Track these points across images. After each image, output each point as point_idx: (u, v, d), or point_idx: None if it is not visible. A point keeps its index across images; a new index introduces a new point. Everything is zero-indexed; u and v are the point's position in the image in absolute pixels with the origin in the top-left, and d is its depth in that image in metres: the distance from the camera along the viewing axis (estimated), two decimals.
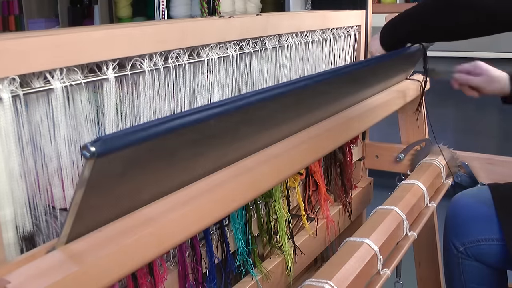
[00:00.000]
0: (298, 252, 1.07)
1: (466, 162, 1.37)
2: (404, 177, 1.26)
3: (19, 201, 0.60)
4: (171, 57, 0.79)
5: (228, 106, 0.61)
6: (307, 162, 0.91)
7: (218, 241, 0.91)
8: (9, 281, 0.46)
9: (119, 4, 3.59)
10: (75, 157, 0.67)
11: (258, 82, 1.01)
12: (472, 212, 1.23)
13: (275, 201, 1.00)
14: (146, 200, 0.61)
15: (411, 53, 1.20)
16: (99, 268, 0.51)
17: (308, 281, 0.79)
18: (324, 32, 1.21)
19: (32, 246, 0.62)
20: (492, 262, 1.19)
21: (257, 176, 0.74)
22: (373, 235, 0.91)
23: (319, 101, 0.91)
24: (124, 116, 0.74)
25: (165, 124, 0.52)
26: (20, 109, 0.59)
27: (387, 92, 1.25)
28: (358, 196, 1.39)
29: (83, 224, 0.53)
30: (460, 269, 1.23)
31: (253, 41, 0.97)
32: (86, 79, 0.66)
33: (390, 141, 1.49)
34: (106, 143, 0.46)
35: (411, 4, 2.95)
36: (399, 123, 1.49)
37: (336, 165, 1.29)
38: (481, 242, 1.18)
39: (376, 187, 1.52)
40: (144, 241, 0.56)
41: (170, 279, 0.81)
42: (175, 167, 0.62)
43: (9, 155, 0.58)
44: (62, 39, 0.62)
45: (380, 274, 0.90)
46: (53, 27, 4.07)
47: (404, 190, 1.12)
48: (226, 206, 0.69)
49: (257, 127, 0.75)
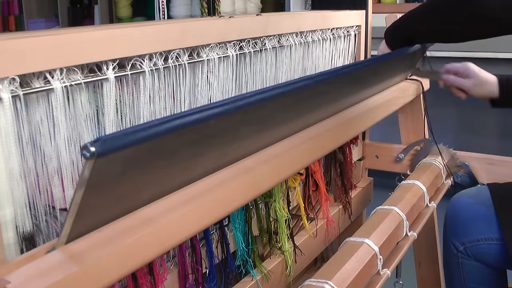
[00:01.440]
0: (298, 252, 1.07)
1: (466, 162, 1.37)
2: (404, 177, 1.26)
3: (19, 201, 0.60)
4: (171, 57, 0.79)
5: (228, 106, 0.61)
6: (307, 162, 0.91)
7: (218, 241, 0.91)
8: (9, 281, 0.46)
9: (119, 4, 3.59)
10: (75, 157, 0.67)
11: (258, 82, 1.01)
12: (472, 211, 1.23)
13: (275, 201, 1.00)
14: (146, 200, 0.61)
15: (411, 53, 1.20)
16: (99, 268, 0.51)
17: (308, 281, 0.79)
18: (324, 32, 1.21)
19: (32, 246, 0.62)
20: (492, 261, 1.19)
21: (257, 176, 0.74)
22: (373, 235, 0.91)
23: (319, 101, 0.91)
24: (124, 116, 0.74)
25: (165, 124, 0.52)
26: (20, 109, 0.59)
27: (387, 92, 1.25)
28: (358, 196, 1.39)
29: (83, 224, 0.53)
30: (459, 269, 1.23)
31: (253, 41, 0.97)
32: (86, 79, 0.66)
33: (390, 141, 1.49)
34: (106, 143, 0.46)
35: (411, 4, 2.95)
36: (399, 123, 1.49)
37: (336, 165, 1.29)
38: (481, 242, 1.18)
39: (376, 187, 1.52)
40: (144, 241, 0.56)
41: (170, 279, 0.81)
42: (175, 167, 0.62)
43: (9, 155, 0.58)
44: (62, 39, 0.62)
45: (380, 274, 0.90)
46: (53, 27, 4.07)
47: (404, 190, 1.12)
48: (226, 206, 0.69)
49: (257, 127, 0.75)
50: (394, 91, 1.27)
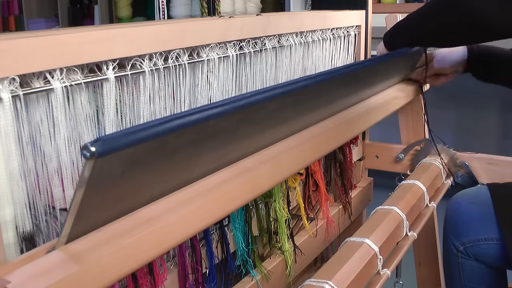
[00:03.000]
0: (298, 252, 1.07)
1: (466, 162, 1.37)
2: (404, 177, 1.26)
3: (19, 201, 0.60)
4: (171, 57, 0.79)
5: (228, 106, 0.61)
6: (307, 162, 0.91)
7: (218, 241, 0.91)
8: (9, 281, 0.46)
9: (119, 4, 3.59)
10: (75, 157, 0.67)
11: (258, 82, 1.01)
12: (471, 211, 1.23)
13: (275, 201, 1.00)
14: (146, 200, 0.61)
15: (411, 54, 1.20)
16: (99, 268, 0.51)
17: (308, 281, 0.79)
18: (324, 32, 1.21)
19: (32, 246, 0.62)
20: (492, 261, 1.19)
21: (257, 176, 0.74)
22: (373, 235, 0.91)
23: (319, 101, 0.91)
24: (124, 116, 0.74)
25: (165, 124, 0.52)
26: (20, 109, 0.59)
27: (387, 92, 1.25)
28: (358, 196, 1.39)
29: (83, 224, 0.53)
30: (459, 269, 1.23)
31: (253, 41, 0.97)
32: (86, 79, 0.66)
33: (390, 141, 1.49)
34: (106, 143, 0.46)
35: (411, 4, 2.95)
36: (399, 123, 1.49)
37: (336, 165, 1.29)
38: (481, 242, 1.18)
39: (376, 187, 1.52)
40: (144, 241, 0.56)
41: (170, 279, 0.81)
42: (175, 167, 0.62)
43: (9, 155, 0.58)
44: (62, 39, 0.62)
45: (380, 274, 0.90)
46: (53, 27, 4.06)
47: (404, 190, 1.12)
48: (226, 206, 0.69)
49: (257, 127, 0.75)
50: (394, 91, 1.27)
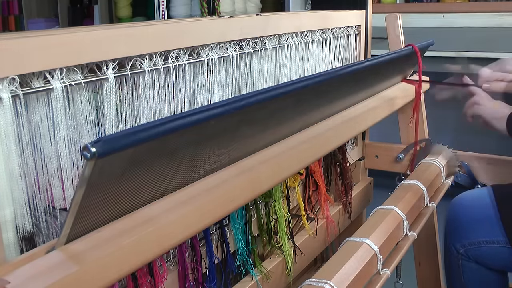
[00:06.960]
0: (298, 252, 1.07)
1: (466, 162, 1.37)
2: (404, 177, 1.26)
3: (19, 201, 0.60)
4: (171, 57, 0.79)
5: (228, 106, 0.61)
6: (307, 162, 0.91)
7: (218, 241, 0.91)
8: (9, 281, 0.46)
9: (119, 4, 3.60)
10: (75, 157, 0.67)
11: (258, 82, 1.01)
12: (473, 214, 1.23)
13: (275, 201, 1.00)
14: (146, 200, 0.61)
15: (411, 54, 1.20)
16: (99, 268, 0.51)
17: (308, 281, 0.79)
18: (324, 32, 1.21)
19: (32, 246, 0.62)
20: (493, 264, 1.19)
21: (257, 176, 0.74)
22: (373, 235, 0.91)
23: (319, 101, 0.91)
24: (124, 116, 0.74)
25: (166, 124, 0.52)
26: (20, 109, 0.59)
27: (387, 92, 1.25)
28: (358, 196, 1.39)
29: (83, 224, 0.53)
30: (460, 271, 1.22)
31: (253, 41, 0.97)
32: (86, 79, 0.66)
33: (390, 141, 1.49)
34: (107, 144, 0.46)
35: (411, 4, 2.95)
36: (399, 123, 1.49)
37: (336, 165, 1.29)
38: (482, 244, 1.18)
39: (376, 187, 1.52)
40: (144, 241, 0.56)
41: (170, 279, 0.81)
42: (175, 167, 0.62)
43: (9, 155, 0.58)
44: (62, 39, 0.62)
45: (380, 274, 0.90)
46: (53, 27, 4.07)
47: (404, 190, 1.12)
48: (226, 206, 0.69)
49: (257, 127, 0.75)
50: (394, 91, 1.27)
